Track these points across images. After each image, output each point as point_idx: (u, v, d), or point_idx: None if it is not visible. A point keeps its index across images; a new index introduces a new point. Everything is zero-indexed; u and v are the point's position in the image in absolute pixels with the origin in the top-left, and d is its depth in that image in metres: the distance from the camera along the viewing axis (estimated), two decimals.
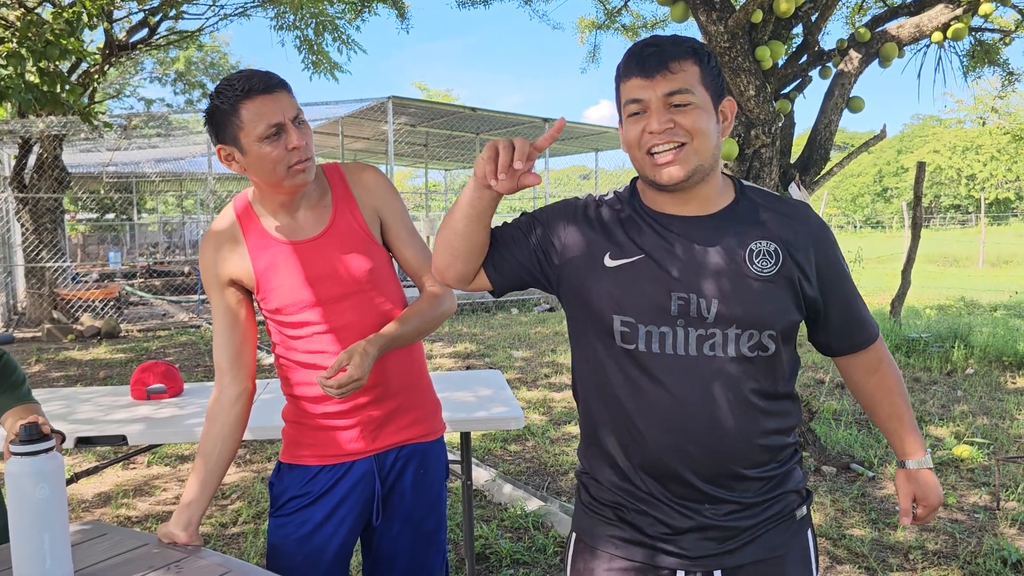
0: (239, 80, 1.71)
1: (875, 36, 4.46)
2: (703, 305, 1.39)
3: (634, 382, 1.44)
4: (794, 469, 1.51)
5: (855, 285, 1.55)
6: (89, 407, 3.12)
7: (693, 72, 1.37)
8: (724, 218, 1.45)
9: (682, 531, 1.44)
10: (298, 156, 1.73)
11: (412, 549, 1.98)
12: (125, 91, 24.52)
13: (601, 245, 1.47)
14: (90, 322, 10.89)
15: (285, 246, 1.83)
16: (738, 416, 1.40)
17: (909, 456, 1.60)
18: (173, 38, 12.52)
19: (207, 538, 3.77)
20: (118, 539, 1.74)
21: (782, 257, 1.42)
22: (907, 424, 1.59)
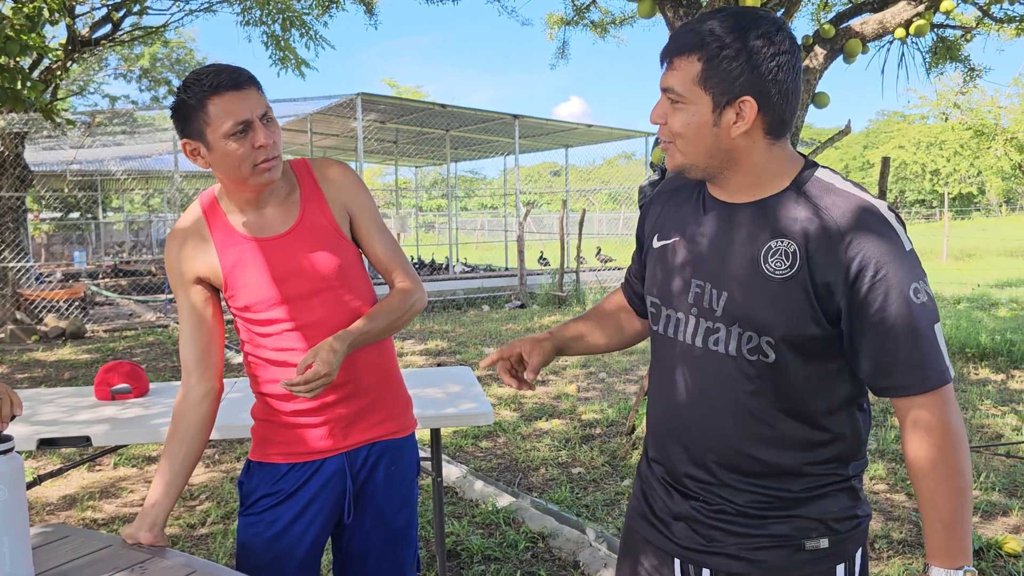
0: (207, 75, 1.68)
1: (839, 32, 4.52)
2: (715, 297, 1.35)
3: (656, 363, 1.48)
4: (825, 496, 1.36)
5: (917, 318, 1.25)
6: (52, 408, 3.07)
7: (692, 70, 1.29)
8: (758, 208, 1.34)
9: (675, 518, 1.45)
10: (264, 154, 1.71)
11: (383, 546, 1.97)
12: (89, 88, 24.13)
13: (654, 226, 1.51)
14: (54, 323, 10.71)
15: (252, 243, 1.81)
16: (730, 419, 1.35)
17: (932, 559, 1.28)
18: (137, 34, 12.34)
19: (175, 539, 3.72)
20: (81, 541, 1.72)
21: (799, 261, 1.27)
22: (941, 519, 1.26)
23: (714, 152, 1.32)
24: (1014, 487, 4.20)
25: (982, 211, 47.28)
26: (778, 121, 1.31)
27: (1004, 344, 7.63)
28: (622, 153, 35.08)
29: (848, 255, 1.24)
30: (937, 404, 1.26)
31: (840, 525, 1.36)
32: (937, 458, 1.26)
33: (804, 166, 1.35)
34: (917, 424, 1.27)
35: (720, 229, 1.37)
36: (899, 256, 1.25)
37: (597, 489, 4.30)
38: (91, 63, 21.06)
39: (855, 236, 1.24)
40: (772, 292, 1.29)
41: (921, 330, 1.25)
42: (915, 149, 48.70)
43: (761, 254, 1.30)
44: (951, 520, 1.26)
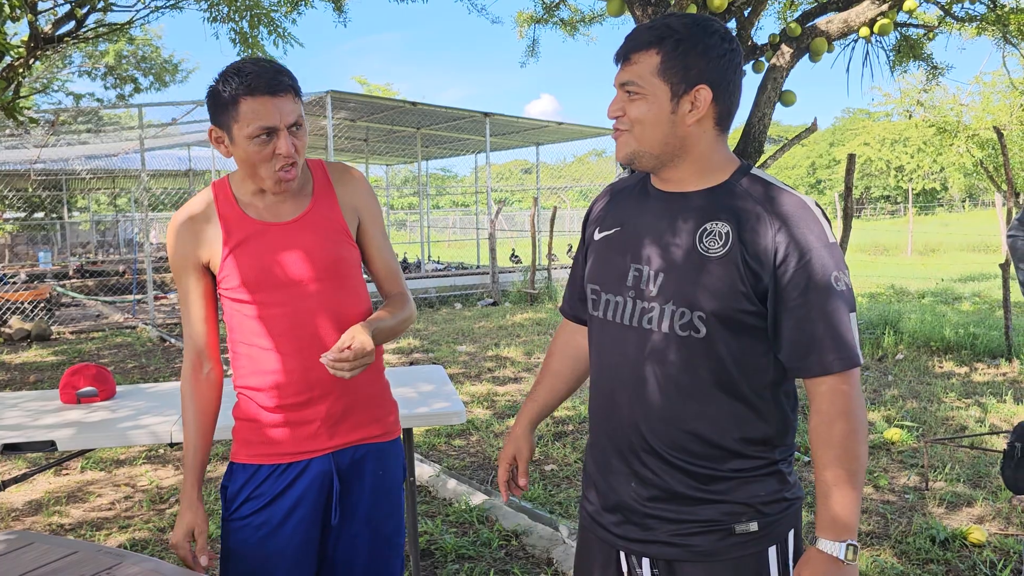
0: (248, 72, 1.69)
1: (806, 31, 4.57)
2: (651, 278, 1.43)
3: (593, 347, 1.55)
4: (753, 480, 1.42)
5: (837, 304, 1.35)
6: (16, 412, 3.01)
7: (650, 63, 1.40)
8: (699, 197, 1.44)
9: (609, 508, 1.50)
10: (283, 163, 1.73)
11: (370, 553, 1.94)
12: (53, 85, 23.69)
13: (596, 222, 1.60)
14: (19, 324, 10.51)
15: (259, 226, 1.83)
16: (663, 395, 1.42)
17: (820, 532, 1.35)
18: (102, 31, 12.12)
19: (144, 543, 3.68)
20: (46, 548, 1.69)
21: (732, 240, 1.36)
22: (832, 493, 1.34)
23: (669, 139, 1.42)
24: (978, 478, 4.28)
25: (945, 207, 48.06)
26: (726, 114, 1.44)
27: (967, 338, 7.77)
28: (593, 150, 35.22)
29: (777, 240, 1.35)
30: (844, 386, 1.35)
31: (769, 508, 1.42)
32: (836, 438, 1.34)
33: (742, 165, 1.47)
34: (824, 403, 1.36)
35: (660, 216, 1.46)
36: (823, 246, 1.36)
37: (570, 486, 4.31)
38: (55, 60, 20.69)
39: (785, 223, 1.35)
40: (705, 269, 1.37)
41: (838, 314, 1.34)
42: (880, 146, 49.37)
43: (697, 235, 1.40)
44: (840, 495, 1.33)
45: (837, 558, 1.32)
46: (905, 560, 3.35)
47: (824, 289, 1.34)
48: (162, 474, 4.75)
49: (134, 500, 4.32)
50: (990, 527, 3.63)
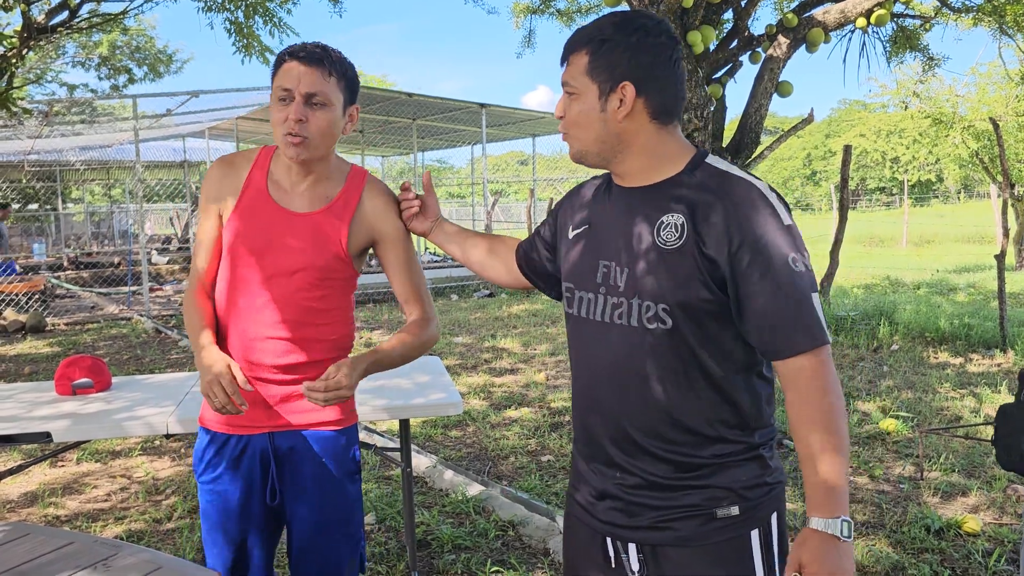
0: (300, 45, 1.84)
1: (802, 22, 4.56)
2: (619, 274, 1.46)
3: (572, 345, 1.58)
4: (733, 465, 1.44)
5: (798, 285, 1.36)
6: (10, 404, 3.00)
7: (581, 63, 1.45)
8: (655, 190, 1.47)
9: (598, 496, 1.54)
10: (290, 128, 1.80)
11: (318, 540, 1.98)
12: (46, 76, 23.56)
13: (567, 219, 1.63)
14: (14, 316, 10.48)
15: (271, 205, 1.91)
16: (639, 387, 1.45)
17: (813, 512, 1.34)
18: (96, 21, 12.05)
19: (140, 534, 3.68)
20: (41, 539, 1.69)
21: (687, 231, 1.39)
22: (819, 471, 1.33)
23: (604, 136, 1.46)
24: (972, 468, 4.30)
25: (940, 198, 48.11)
26: (661, 107, 1.45)
27: (962, 328, 7.80)
28: None
29: (731, 227, 1.36)
30: (816, 364, 1.35)
31: (750, 493, 1.45)
32: (817, 415, 1.34)
33: (697, 153, 1.49)
34: (798, 383, 1.36)
35: (622, 212, 1.49)
36: (778, 229, 1.37)
37: (566, 476, 4.32)
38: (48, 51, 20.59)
39: (737, 210, 1.37)
40: (664, 261, 1.40)
41: (798, 295, 1.35)
42: (876, 137, 49.39)
43: (655, 228, 1.43)
44: (828, 472, 1.32)
45: (834, 535, 1.31)
46: (900, 549, 3.36)
47: (782, 272, 1.35)
48: (158, 465, 4.75)
49: (130, 491, 4.31)
50: (985, 516, 3.65)
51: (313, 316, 1.92)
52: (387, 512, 3.83)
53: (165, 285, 15.08)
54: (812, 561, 1.31)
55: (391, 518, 3.78)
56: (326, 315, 1.95)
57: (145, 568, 1.55)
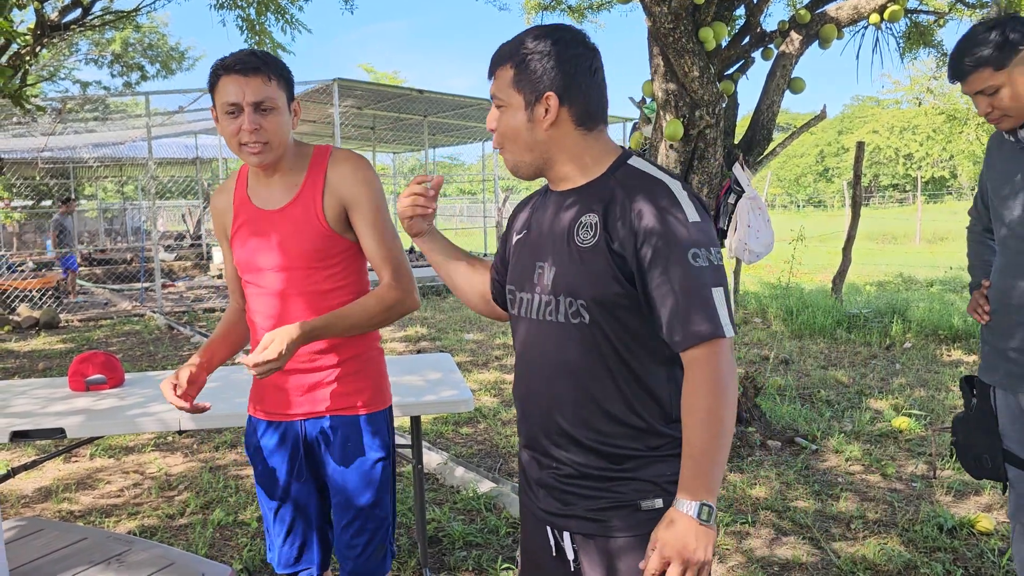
0: (231, 56, 1.91)
1: (815, 18, 4.53)
2: (547, 273, 1.54)
3: (514, 343, 1.66)
4: (656, 461, 1.50)
5: (699, 278, 1.41)
6: (25, 400, 3.03)
7: (507, 76, 1.51)
8: (579, 192, 1.54)
9: (537, 485, 1.62)
10: (247, 138, 1.89)
11: (350, 522, 2.08)
12: (59, 73, 23.69)
13: (514, 227, 1.70)
14: (28, 312, 10.56)
15: (255, 212, 2.03)
16: (568, 380, 1.52)
17: (678, 494, 1.42)
18: (108, 18, 12.11)
19: (153, 530, 3.70)
20: (56, 534, 1.70)
21: (599, 230, 1.47)
22: (694, 458, 1.41)
23: (532, 145, 1.52)
24: None
25: (954, 195, 47.78)
26: (584, 113, 1.51)
27: (976, 326, 7.74)
28: None
29: (636, 223, 1.43)
30: (709, 355, 1.40)
31: (672, 487, 1.48)
32: (700, 403, 1.41)
33: (621, 155, 1.55)
34: (691, 373, 1.42)
35: (551, 215, 1.57)
36: (681, 224, 1.42)
37: None
38: (61, 48, 20.69)
39: (643, 207, 1.43)
40: (581, 259, 1.48)
41: (695, 289, 1.40)
42: (889, 134, 49.06)
43: (574, 228, 1.50)
44: (700, 458, 1.40)
45: (692, 517, 1.38)
46: (912, 548, 3.34)
47: (682, 266, 1.40)
48: (171, 461, 4.77)
49: (143, 487, 4.34)
50: (998, 515, 3.62)
51: (325, 299, 2.01)
52: (398, 508, 3.84)
53: (177, 281, 15.16)
54: (667, 539, 1.39)
55: (402, 515, 3.79)
56: (339, 294, 2.03)
57: (158, 564, 1.56)
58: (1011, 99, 2.12)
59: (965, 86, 2.21)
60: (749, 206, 4.29)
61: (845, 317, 8.36)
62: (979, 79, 2.14)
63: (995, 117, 2.19)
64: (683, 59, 4.05)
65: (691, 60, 4.05)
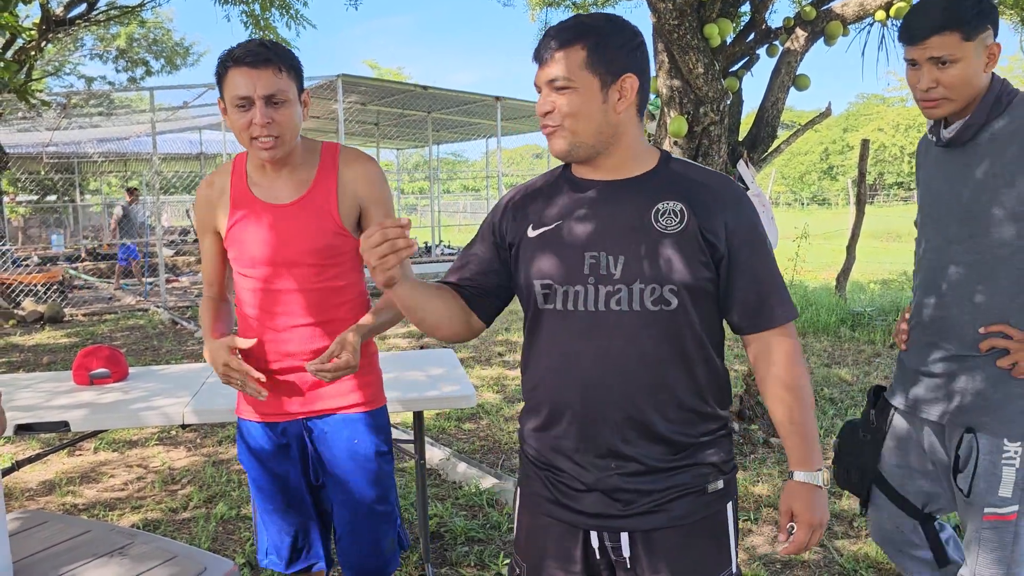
0: (239, 48, 1.86)
1: (820, 14, 4.52)
2: (611, 262, 1.50)
3: (554, 340, 1.56)
4: (715, 442, 1.55)
5: (775, 265, 1.57)
6: (29, 393, 3.04)
7: (577, 58, 1.47)
8: (638, 182, 1.54)
9: (587, 490, 1.54)
10: (258, 132, 1.86)
11: (357, 520, 2.07)
12: (64, 68, 23.74)
13: (526, 221, 1.61)
14: (32, 307, 10.59)
15: (259, 205, 1.98)
16: (646, 369, 1.49)
17: (797, 467, 1.53)
18: (113, 13, 12.14)
19: (156, 524, 3.71)
20: (60, 527, 1.71)
21: (687, 216, 1.49)
22: (801, 432, 1.52)
23: (602, 128, 1.50)
24: None
25: None
26: (644, 103, 1.54)
27: None
28: None
29: (724, 213, 1.51)
30: (792, 334, 1.55)
31: (727, 467, 1.57)
32: (796, 381, 1.52)
33: (661, 150, 1.60)
34: (779, 352, 1.53)
35: (604, 203, 1.54)
36: (755, 214, 1.56)
37: None
38: (66, 43, 20.72)
39: (727, 198, 1.53)
40: (666, 245, 1.48)
41: (777, 273, 1.56)
42: (894, 131, 48.93)
43: (651, 215, 1.50)
44: (807, 431, 1.52)
45: (817, 485, 1.51)
46: None
47: (765, 253, 1.54)
48: (174, 455, 4.78)
49: (146, 481, 4.35)
50: None
51: (331, 296, 2.00)
52: (400, 504, 3.85)
53: (181, 276, 15.19)
54: (804, 509, 1.51)
55: (405, 510, 3.79)
56: (344, 292, 2.02)
57: (161, 556, 1.56)
58: (961, 79, 1.84)
59: (918, 48, 1.86)
60: (753, 203, 4.28)
61: (849, 315, 8.35)
62: (944, 43, 1.82)
63: (935, 97, 1.88)
64: (687, 55, 4.04)
65: (695, 56, 4.04)
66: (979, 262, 1.88)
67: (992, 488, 1.88)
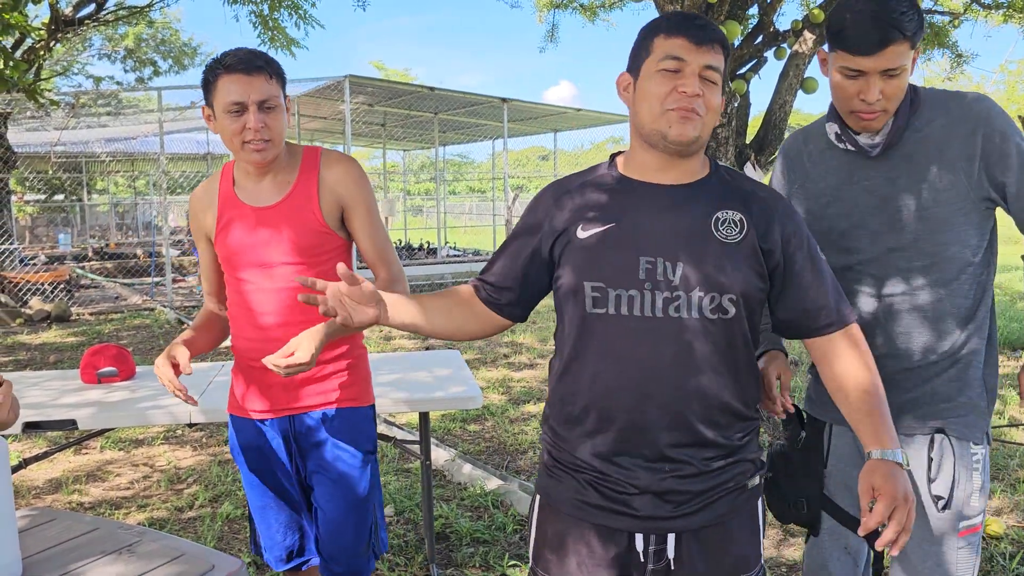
0: (230, 55, 1.92)
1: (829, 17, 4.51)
2: (669, 269, 1.48)
3: (606, 344, 1.51)
4: (751, 440, 1.58)
5: (829, 270, 1.59)
6: (37, 391, 3.05)
7: (720, 57, 1.50)
8: (697, 188, 1.54)
9: (638, 493, 1.51)
10: (251, 136, 1.91)
11: (337, 516, 2.10)
12: (73, 68, 23.81)
13: (573, 220, 1.56)
14: (39, 305, 10.62)
15: (244, 208, 2.04)
16: (700, 376, 1.48)
17: (873, 445, 1.52)
18: (122, 14, 12.18)
19: (162, 522, 3.72)
20: (68, 524, 1.71)
21: (747, 227, 1.50)
22: (876, 417, 1.53)
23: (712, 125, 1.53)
24: (996, 471, 4.25)
25: None
26: None
27: None
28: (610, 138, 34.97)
29: (780, 222, 1.53)
30: (859, 332, 1.59)
31: (759, 463, 1.61)
32: (870, 375, 1.56)
33: (710, 158, 1.61)
34: (852, 351, 1.56)
35: (661, 209, 1.52)
36: (798, 216, 1.59)
37: None
38: (75, 43, 20.79)
39: (779, 208, 1.55)
40: (728, 254, 1.48)
41: (834, 278, 1.60)
42: None
43: (711, 224, 1.50)
44: (882, 415, 1.53)
45: (897, 462, 1.50)
46: None
47: (820, 259, 1.58)
48: (180, 454, 4.80)
49: (152, 480, 4.37)
50: (1008, 519, 3.61)
51: None
52: (406, 504, 3.85)
53: (188, 276, 15.22)
54: (885, 483, 1.47)
55: (410, 510, 3.80)
56: None
57: (169, 554, 1.57)
58: (901, 89, 1.72)
59: (872, 59, 1.68)
60: None
61: None
62: (897, 53, 1.67)
63: (877, 110, 1.73)
64: None
65: None
66: (930, 266, 1.79)
67: (969, 496, 1.80)
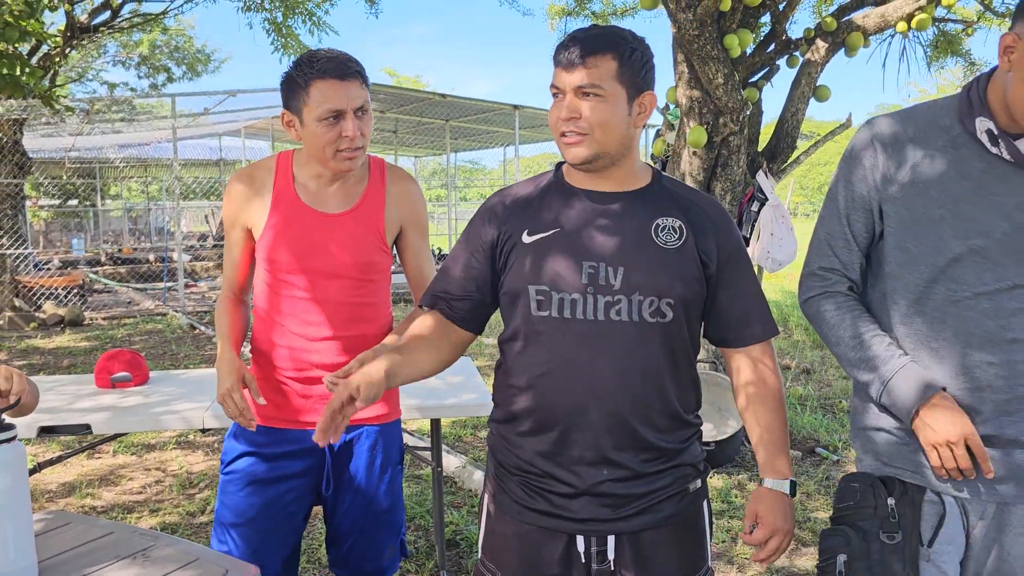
0: (320, 59, 1.80)
1: (841, 25, 4.51)
2: (611, 273, 1.51)
3: (550, 346, 1.54)
4: (692, 445, 1.62)
5: (757, 283, 1.64)
6: (52, 396, 3.07)
7: (609, 67, 1.48)
8: (638, 196, 1.58)
9: (577, 495, 1.54)
10: (348, 144, 1.83)
11: (364, 527, 2.06)
12: (87, 75, 23.99)
13: (519, 225, 1.60)
14: (53, 310, 10.69)
15: (305, 210, 1.93)
16: (640, 380, 1.51)
17: (767, 475, 1.59)
18: (137, 21, 12.27)
19: (175, 527, 3.74)
20: (83, 528, 1.72)
21: (686, 234, 1.55)
22: (778, 444, 1.59)
23: (624, 139, 1.53)
24: None
25: None
26: None
27: None
28: None
29: (717, 232, 1.58)
30: (771, 351, 1.63)
31: (701, 467, 1.64)
32: (774, 391, 1.61)
33: (652, 167, 1.65)
34: (764, 365, 1.61)
35: (603, 215, 1.56)
36: (734, 226, 1.64)
37: None
38: (90, 50, 20.95)
39: (720, 218, 1.60)
40: (667, 260, 1.52)
41: (760, 291, 1.64)
42: None
43: (651, 230, 1.54)
44: (782, 444, 1.60)
45: (784, 492, 1.57)
46: None
47: (751, 272, 1.63)
48: (192, 459, 4.82)
49: (164, 484, 4.38)
50: None
51: (362, 312, 1.98)
52: (417, 511, 3.86)
53: (200, 282, 15.29)
54: (767, 512, 1.56)
55: (421, 517, 3.80)
56: (372, 309, 2.01)
57: (183, 559, 1.58)
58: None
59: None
60: (772, 214, 4.27)
61: None
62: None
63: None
64: (707, 66, 4.04)
65: (715, 67, 4.04)
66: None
67: None
